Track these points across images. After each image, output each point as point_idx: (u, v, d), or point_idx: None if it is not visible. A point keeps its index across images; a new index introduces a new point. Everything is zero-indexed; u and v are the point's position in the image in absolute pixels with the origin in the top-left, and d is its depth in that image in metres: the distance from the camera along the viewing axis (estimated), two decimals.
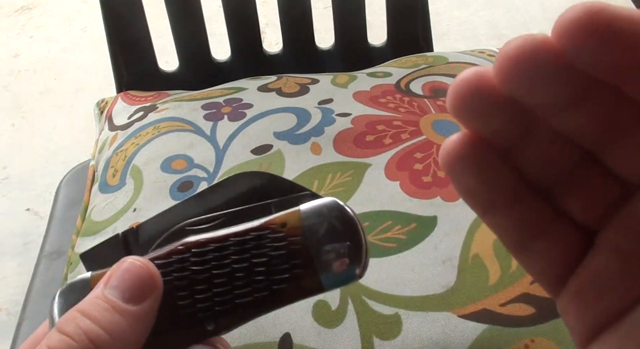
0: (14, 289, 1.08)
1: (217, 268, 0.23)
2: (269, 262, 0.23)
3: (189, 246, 0.23)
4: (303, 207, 0.23)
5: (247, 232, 0.23)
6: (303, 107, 0.53)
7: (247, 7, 0.68)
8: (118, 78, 0.68)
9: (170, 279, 0.23)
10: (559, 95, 0.15)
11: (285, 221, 0.23)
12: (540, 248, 0.18)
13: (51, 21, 1.71)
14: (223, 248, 0.23)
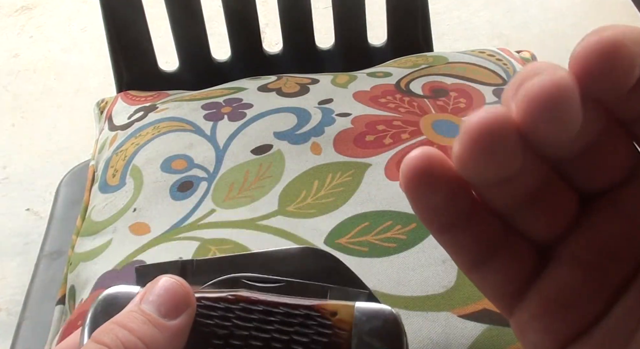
0: (13, 289, 1.08)
1: (257, 330, 0.23)
2: (307, 344, 0.23)
3: (239, 298, 0.23)
4: (358, 305, 0.23)
5: (297, 307, 0.23)
6: (303, 107, 0.53)
7: (247, 7, 0.68)
8: (118, 78, 0.68)
9: (211, 324, 0.23)
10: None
11: (336, 311, 0.23)
12: (495, 265, 0.18)
13: (51, 21, 1.71)
14: (270, 313, 0.23)
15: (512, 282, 0.18)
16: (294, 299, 0.23)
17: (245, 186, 0.47)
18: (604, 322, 0.17)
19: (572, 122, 0.15)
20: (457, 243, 0.18)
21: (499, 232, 0.18)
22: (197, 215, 0.46)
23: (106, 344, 0.21)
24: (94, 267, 0.46)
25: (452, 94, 0.55)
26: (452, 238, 0.18)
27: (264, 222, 0.44)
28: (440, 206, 0.17)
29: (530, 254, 0.18)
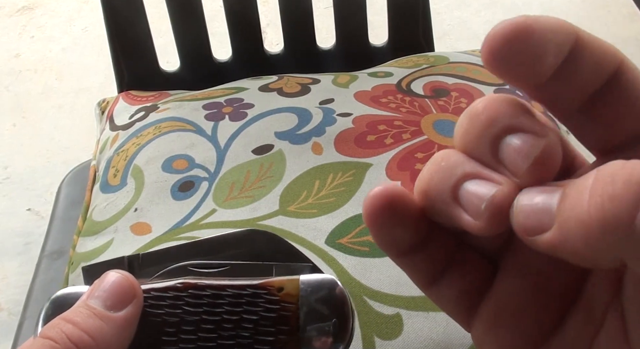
0: (15, 289, 1.08)
1: (207, 314, 0.23)
2: (258, 321, 0.23)
3: (187, 285, 0.24)
4: (303, 278, 0.24)
5: (244, 287, 0.24)
6: (304, 107, 0.53)
7: (248, 7, 0.68)
8: (119, 78, 0.68)
9: (161, 313, 0.24)
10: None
11: (283, 286, 0.24)
12: (449, 281, 0.18)
13: (52, 21, 1.71)
14: (218, 296, 0.24)
15: (466, 295, 0.18)
16: (240, 280, 0.24)
17: (246, 186, 0.47)
18: (560, 332, 0.17)
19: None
20: (414, 265, 0.18)
21: (452, 249, 0.18)
22: (198, 215, 0.46)
23: (52, 338, 0.21)
24: None
25: (453, 94, 0.55)
26: (409, 261, 0.18)
27: (265, 222, 0.44)
28: (399, 237, 0.18)
29: (482, 266, 0.18)
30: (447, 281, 0.18)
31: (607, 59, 0.16)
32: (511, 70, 0.15)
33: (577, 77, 0.16)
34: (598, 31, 1.56)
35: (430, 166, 0.18)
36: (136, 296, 0.23)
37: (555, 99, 0.17)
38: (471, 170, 0.16)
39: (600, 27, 1.57)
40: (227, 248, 0.26)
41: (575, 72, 0.16)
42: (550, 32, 0.15)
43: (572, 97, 0.16)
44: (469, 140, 0.16)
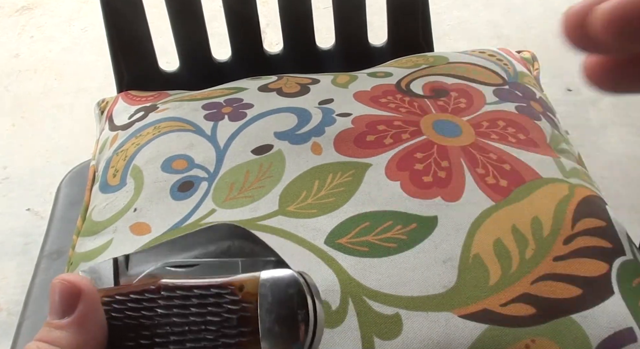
0: (14, 289, 1.08)
1: (178, 316, 0.24)
2: (221, 322, 0.23)
3: (160, 287, 0.24)
4: (263, 275, 0.24)
5: (209, 287, 0.24)
6: (304, 107, 0.53)
7: (247, 7, 0.68)
8: (118, 78, 0.68)
9: (138, 316, 0.24)
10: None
11: (243, 285, 0.23)
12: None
13: (52, 21, 1.71)
14: (187, 297, 0.24)
15: None
16: (206, 280, 0.24)
17: (246, 186, 0.47)
18: None
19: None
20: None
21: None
22: (197, 215, 0.46)
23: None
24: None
25: (452, 94, 0.55)
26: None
27: (264, 223, 0.44)
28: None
29: None
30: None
31: None
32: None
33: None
34: None
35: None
36: (80, 294, 0.25)
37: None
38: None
39: None
40: (200, 245, 0.26)
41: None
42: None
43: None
44: None
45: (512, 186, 0.46)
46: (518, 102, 0.55)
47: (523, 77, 0.60)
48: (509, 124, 0.52)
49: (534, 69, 0.65)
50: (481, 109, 0.53)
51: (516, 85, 0.58)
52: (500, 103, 0.54)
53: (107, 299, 0.25)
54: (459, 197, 0.45)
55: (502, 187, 0.46)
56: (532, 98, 0.57)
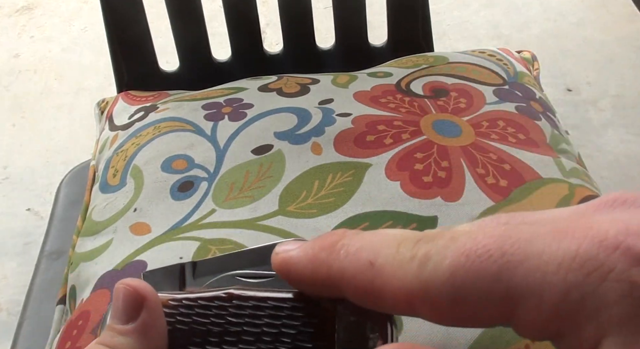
0: (14, 289, 1.08)
1: (249, 325, 0.24)
2: (295, 336, 0.23)
3: (232, 296, 0.24)
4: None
5: (284, 300, 0.24)
6: (303, 107, 0.54)
7: (247, 7, 0.68)
8: (118, 78, 0.68)
9: (207, 322, 0.24)
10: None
11: (320, 300, 0.23)
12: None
13: (52, 21, 1.71)
14: (259, 308, 0.24)
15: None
16: (281, 293, 0.24)
17: (246, 186, 0.47)
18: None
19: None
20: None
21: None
22: (197, 215, 0.46)
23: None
24: (95, 267, 0.46)
25: (452, 94, 0.55)
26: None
27: (264, 222, 0.44)
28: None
29: None
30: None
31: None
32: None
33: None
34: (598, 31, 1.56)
35: None
36: (145, 301, 0.24)
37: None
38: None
39: (600, 27, 1.57)
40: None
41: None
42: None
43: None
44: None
45: (512, 186, 0.46)
46: (518, 102, 0.55)
47: (523, 77, 0.60)
48: (509, 124, 0.52)
49: (534, 69, 0.65)
50: (481, 109, 0.53)
51: (516, 85, 0.58)
52: (500, 103, 0.54)
53: (173, 303, 0.25)
54: (459, 198, 0.45)
55: (502, 187, 0.46)
56: (532, 98, 0.57)
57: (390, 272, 0.20)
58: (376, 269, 0.20)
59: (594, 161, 1.22)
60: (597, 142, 1.27)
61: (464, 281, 0.18)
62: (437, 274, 0.19)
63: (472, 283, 0.18)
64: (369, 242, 0.21)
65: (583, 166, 0.53)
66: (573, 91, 1.40)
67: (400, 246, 0.20)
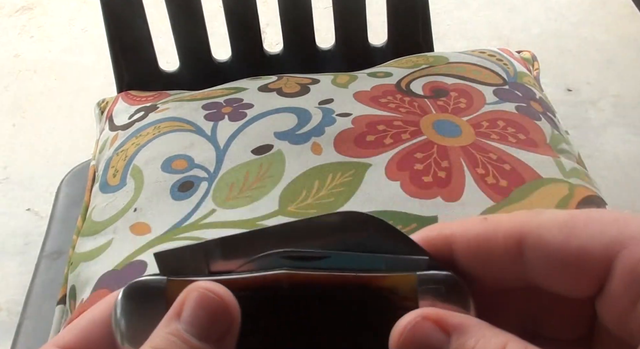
0: (14, 289, 1.08)
1: (307, 313, 0.20)
2: (367, 324, 0.20)
3: (283, 278, 0.20)
4: (420, 276, 0.20)
5: (350, 284, 0.20)
6: (303, 107, 0.53)
7: (247, 7, 0.68)
8: (118, 78, 0.68)
9: (256, 309, 0.20)
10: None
11: (396, 286, 0.20)
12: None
13: (52, 21, 1.71)
14: (320, 293, 0.20)
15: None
16: (346, 275, 0.20)
17: (246, 186, 0.47)
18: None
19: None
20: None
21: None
22: (197, 215, 0.46)
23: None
24: (95, 267, 0.46)
25: (452, 94, 0.55)
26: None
27: (264, 222, 0.44)
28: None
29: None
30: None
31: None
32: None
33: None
34: (598, 31, 1.56)
35: None
36: (233, 325, 0.20)
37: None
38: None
39: (600, 27, 1.57)
40: (325, 234, 0.22)
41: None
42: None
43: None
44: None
45: (512, 186, 0.46)
46: (518, 102, 0.55)
47: (523, 77, 0.60)
48: (509, 124, 0.52)
49: (534, 69, 0.65)
50: (481, 109, 0.53)
51: (516, 85, 0.58)
52: (500, 103, 0.54)
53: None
54: (459, 197, 0.45)
55: (502, 187, 0.46)
56: (532, 98, 0.57)
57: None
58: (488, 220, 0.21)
59: (594, 161, 1.22)
60: (597, 142, 1.27)
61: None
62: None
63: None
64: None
65: (583, 166, 0.53)
66: (573, 91, 1.40)
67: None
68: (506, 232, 0.20)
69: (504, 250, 0.20)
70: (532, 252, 0.20)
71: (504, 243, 0.20)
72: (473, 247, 0.21)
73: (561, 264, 0.19)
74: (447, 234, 0.21)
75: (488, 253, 0.21)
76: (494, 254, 0.21)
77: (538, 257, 0.20)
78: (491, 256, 0.21)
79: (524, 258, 0.20)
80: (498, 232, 0.20)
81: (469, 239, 0.21)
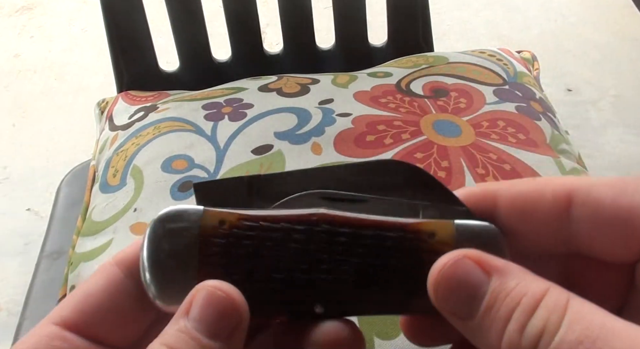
0: (14, 289, 1.08)
1: (346, 254, 0.20)
2: (404, 267, 0.20)
3: (323, 218, 0.20)
4: (457, 223, 0.21)
5: (390, 228, 0.20)
6: (304, 107, 0.54)
7: (247, 7, 0.68)
8: (118, 78, 0.68)
9: (294, 247, 0.20)
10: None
11: (434, 231, 0.20)
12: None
13: (52, 21, 1.71)
14: (358, 236, 0.20)
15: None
16: (385, 219, 0.20)
17: None
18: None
19: None
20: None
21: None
22: None
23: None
24: (95, 267, 0.46)
25: (452, 94, 0.55)
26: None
27: None
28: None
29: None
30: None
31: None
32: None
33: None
34: (598, 31, 1.56)
35: None
36: (241, 323, 0.20)
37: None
38: None
39: (600, 27, 1.57)
40: (366, 178, 0.22)
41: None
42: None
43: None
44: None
45: None
46: (518, 102, 0.55)
47: (523, 77, 0.60)
48: (509, 124, 0.52)
49: (534, 69, 0.65)
50: (481, 109, 0.53)
51: (516, 85, 0.58)
52: (500, 103, 0.54)
53: (247, 223, 0.20)
54: None
55: None
56: (532, 98, 0.57)
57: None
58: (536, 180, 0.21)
59: (594, 161, 1.22)
60: (597, 142, 1.27)
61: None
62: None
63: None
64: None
65: (583, 166, 0.53)
66: (573, 91, 1.40)
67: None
68: (555, 188, 0.20)
69: (552, 206, 0.20)
70: (581, 209, 0.19)
71: (552, 199, 0.20)
72: (518, 203, 0.20)
73: (610, 222, 0.19)
74: (492, 190, 0.21)
75: (534, 209, 0.20)
76: (540, 210, 0.20)
77: (586, 214, 0.19)
78: (537, 212, 0.20)
79: (571, 216, 0.20)
80: (547, 189, 0.20)
81: (515, 195, 0.20)
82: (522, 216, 0.21)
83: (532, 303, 0.17)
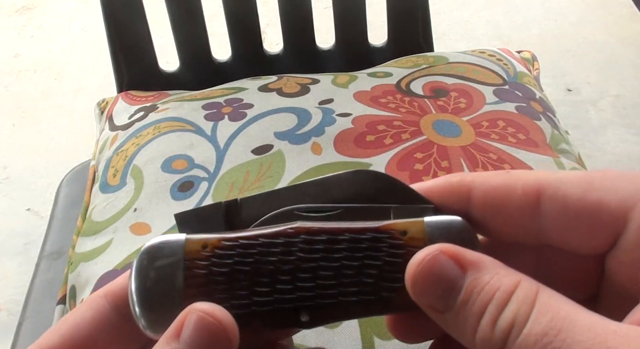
0: (14, 289, 1.08)
1: (325, 260, 0.22)
2: (381, 267, 0.21)
3: (299, 230, 0.22)
4: (427, 219, 0.22)
5: (363, 231, 0.22)
6: (304, 107, 0.54)
7: (247, 7, 0.68)
8: (118, 78, 0.68)
9: (274, 260, 0.21)
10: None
11: (406, 229, 0.22)
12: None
13: (52, 21, 1.71)
14: (335, 241, 0.22)
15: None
16: (358, 224, 0.22)
17: (246, 186, 0.47)
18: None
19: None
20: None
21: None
22: None
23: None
24: (95, 267, 0.46)
25: (452, 94, 0.55)
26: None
27: None
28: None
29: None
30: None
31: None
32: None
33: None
34: (598, 31, 1.56)
35: None
36: (230, 347, 0.20)
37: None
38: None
39: (600, 27, 1.57)
40: (337, 190, 0.23)
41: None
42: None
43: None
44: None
45: None
46: (518, 102, 0.55)
47: (523, 77, 0.60)
48: (509, 124, 0.52)
49: (534, 69, 0.65)
50: (481, 109, 0.53)
51: (516, 85, 0.58)
52: (500, 103, 0.54)
53: (228, 243, 0.22)
54: None
55: None
56: (532, 98, 0.57)
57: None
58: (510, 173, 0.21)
59: (594, 161, 1.22)
60: (597, 142, 1.27)
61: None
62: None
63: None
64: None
65: (583, 166, 0.53)
66: (573, 91, 1.40)
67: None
68: (526, 183, 0.21)
69: (522, 200, 0.21)
70: (550, 204, 0.20)
71: (522, 194, 0.21)
72: (490, 197, 0.21)
73: (578, 216, 0.20)
74: (468, 180, 0.22)
75: (505, 203, 0.21)
76: (511, 204, 0.21)
77: (555, 208, 0.20)
78: (508, 206, 0.21)
79: (540, 210, 0.20)
80: (517, 184, 0.21)
81: (488, 188, 0.21)
82: (494, 210, 0.21)
83: (504, 297, 0.18)
